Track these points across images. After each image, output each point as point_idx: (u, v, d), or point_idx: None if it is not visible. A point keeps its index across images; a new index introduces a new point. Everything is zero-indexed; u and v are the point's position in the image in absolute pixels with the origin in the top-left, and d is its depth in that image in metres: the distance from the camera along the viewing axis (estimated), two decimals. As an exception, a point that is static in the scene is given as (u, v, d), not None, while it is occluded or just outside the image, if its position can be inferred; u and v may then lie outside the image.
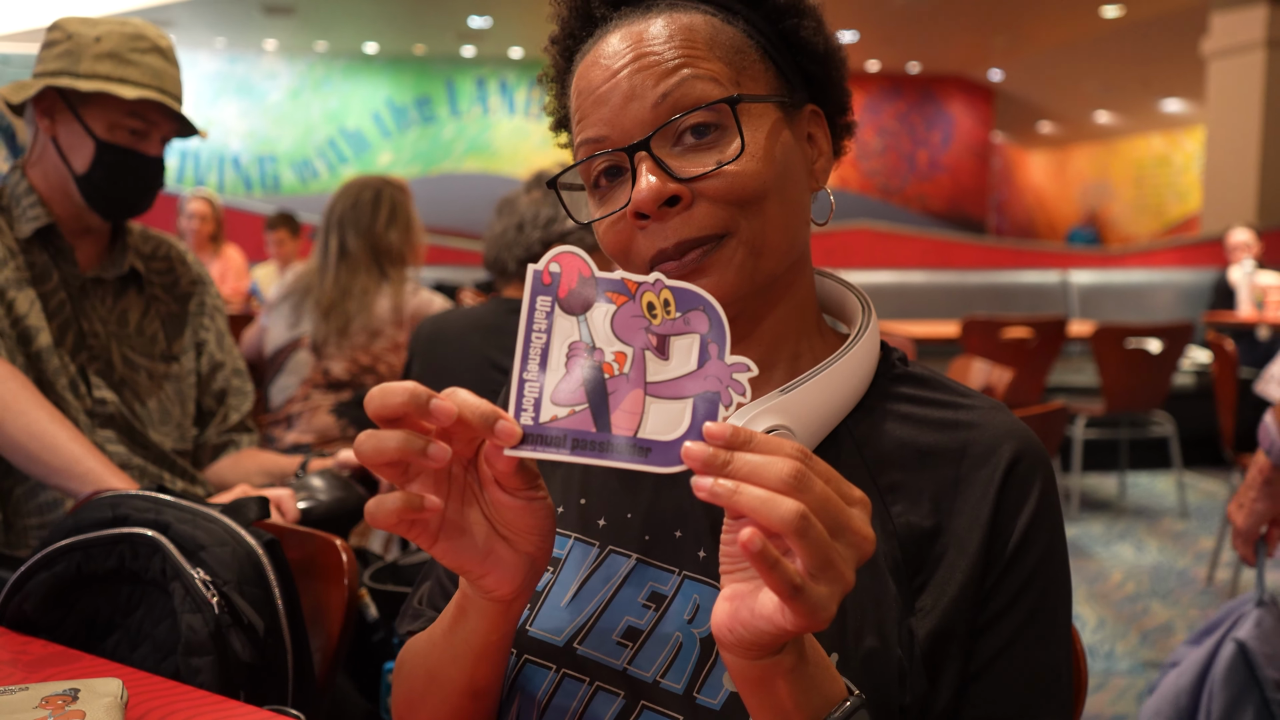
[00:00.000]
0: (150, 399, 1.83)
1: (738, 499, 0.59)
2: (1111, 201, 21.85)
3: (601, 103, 0.82)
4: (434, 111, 16.93)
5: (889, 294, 7.30)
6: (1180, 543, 4.79)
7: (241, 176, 16.34)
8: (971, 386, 3.00)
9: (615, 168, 0.83)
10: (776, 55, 0.86)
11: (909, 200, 18.43)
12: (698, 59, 0.81)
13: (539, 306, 0.67)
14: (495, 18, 13.89)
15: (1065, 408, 2.46)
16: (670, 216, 0.80)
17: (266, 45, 15.84)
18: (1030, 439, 0.84)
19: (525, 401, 0.67)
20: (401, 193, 3.02)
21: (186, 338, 1.93)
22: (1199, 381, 6.25)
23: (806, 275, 0.90)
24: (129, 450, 1.77)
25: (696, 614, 0.81)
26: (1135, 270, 8.04)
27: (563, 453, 0.66)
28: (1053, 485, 0.84)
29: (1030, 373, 5.04)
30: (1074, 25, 13.53)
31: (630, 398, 0.66)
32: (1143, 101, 18.61)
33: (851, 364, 0.84)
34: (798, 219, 0.85)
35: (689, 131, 0.80)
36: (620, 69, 0.82)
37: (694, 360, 0.66)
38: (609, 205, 0.84)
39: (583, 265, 0.67)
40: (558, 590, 0.86)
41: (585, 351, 0.67)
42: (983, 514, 0.81)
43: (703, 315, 0.66)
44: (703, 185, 0.79)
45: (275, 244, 6.08)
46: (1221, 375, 3.95)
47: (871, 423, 0.85)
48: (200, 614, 1.13)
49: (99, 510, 1.25)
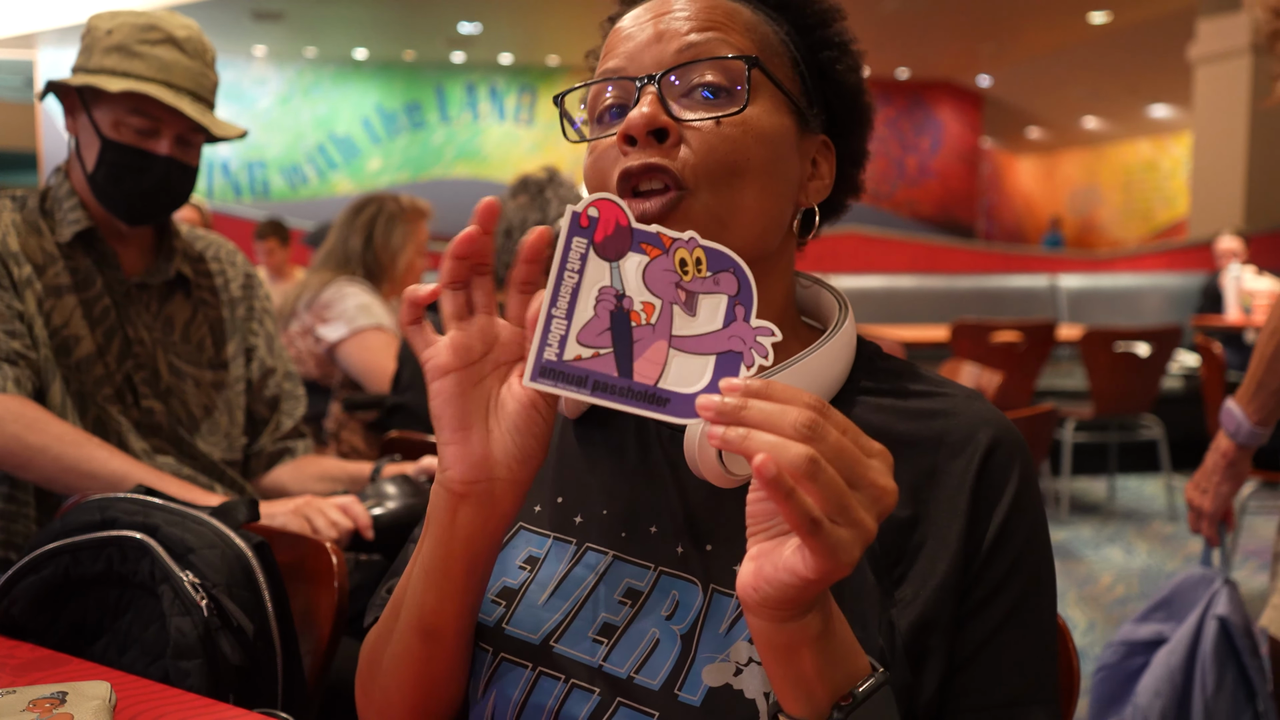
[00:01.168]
0: (197, 408, 1.76)
1: (748, 444, 0.59)
2: (1100, 206, 21.94)
3: (629, 39, 0.85)
4: (424, 117, 16.93)
5: (879, 299, 7.31)
6: (1169, 545, 4.80)
7: (231, 183, 16.31)
8: (961, 389, 3.03)
9: (621, 107, 0.85)
10: (808, 75, 0.89)
11: (898, 205, 18.48)
12: (731, 30, 0.84)
13: (574, 247, 0.68)
14: (485, 24, 13.90)
15: (1055, 410, 2.46)
16: (652, 146, 0.81)
17: (256, 51, 15.82)
18: (1006, 426, 0.84)
19: (551, 337, 0.67)
20: (390, 206, 3.06)
21: (236, 343, 1.85)
22: (1187, 385, 6.27)
23: (783, 278, 0.90)
24: (178, 460, 1.72)
25: (676, 610, 0.80)
26: (1124, 274, 8.07)
27: (583, 392, 0.67)
28: (1031, 472, 0.84)
29: (1020, 376, 5.05)
30: (1062, 31, 13.59)
31: (654, 348, 0.67)
32: (1130, 107, 18.70)
33: (828, 355, 0.84)
34: (774, 213, 0.85)
35: (701, 88, 0.82)
36: (656, 15, 0.85)
37: (720, 319, 0.67)
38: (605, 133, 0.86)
39: (620, 214, 0.68)
40: (535, 589, 0.85)
41: (614, 297, 0.68)
42: (961, 503, 0.80)
43: (732, 278, 0.67)
44: (691, 131, 0.81)
45: (265, 253, 6.06)
46: (1210, 379, 3.96)
47: (847, 413, 0.85)
48: (189, 617, 1.13)
49: (87, 513, 1.25)
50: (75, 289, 1.68)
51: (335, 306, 2.89)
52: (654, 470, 0.87)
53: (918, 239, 8.94)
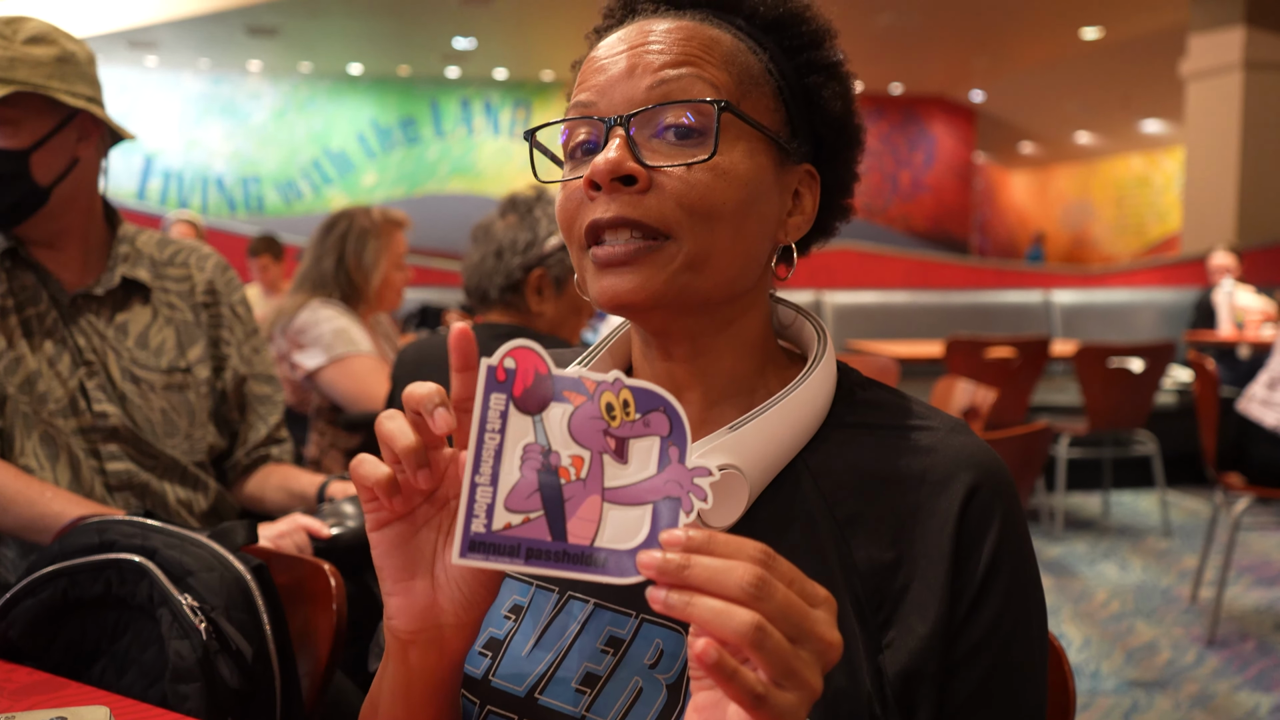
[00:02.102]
0: (154, 410, 1.76)
1: (691, 611, 0.57)
2: (1092, 221, 22.02)
3: (600, 71, 0.82)
4: (418, 132, 16.97)
5: (873, 314, 7.33)
6: (1164, 561, 4.81)
7: (225, 198, 16.33)
8: (956, 407, 3.03)
9: (593, 145, 0.82)
10: (792, 103, 0.84)
11: (892, 220, 18.54)
12: (707, 64, 0.80)
13: (493, 405, 0.64)
14: (479, 39, 13.94)
15: (1049, 427, 2.47)
16: (620, 193, 0.78)
17: (251, 66, 15.85)
18: (989, 463, 0.81)
19: (477, 507, 0.63)
20: (361, 221, 2.95)
21: (202, 347, 1.84)
22: (1181, 400, 6.29)
23: (759, 311, 0.87)
24: (137, 465, 1.72)
25: (660, 659, 0.79)
26: (1117, 290, 8.10)
27: (516, 562, 0.63)
28: (1016, 511, 0.82)
29: (1014, 392, 5.06)
30: (1054, 47, 13.67)
31: (587, 504, 0.63)
32: (1122, 122, 18.80)
33: (804, 396, 0.82)
34: (750, 253, 0.82)
35: (673, 129, 0.79)
36: (628, 48, 0.81)
37: (654, 464, 0.63)
38: (573, 171, 0.83)
39: (539, 362, 0.64)
40: (519, 639, 0.84)
41: (540, 455, 0.64)
42: (944, 546, 0.78)
43: (663, 417, 0.63)
44: (661, 177, 0.78)
45: (259, 269, 6.05)
46: (1203, 394, 3.97)
47: (828, 452, 0.83)
48: (188, 640, 1.13)
49: (85, 536, 1.25)
50: (16, 309, 1.70)
51: (310, 332, 2.81)
52: None
53: (911, 254, 8.97)
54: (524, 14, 12.23)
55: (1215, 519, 4.13)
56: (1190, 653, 3.66)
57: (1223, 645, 3.73)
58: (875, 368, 3.98)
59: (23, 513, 1.55)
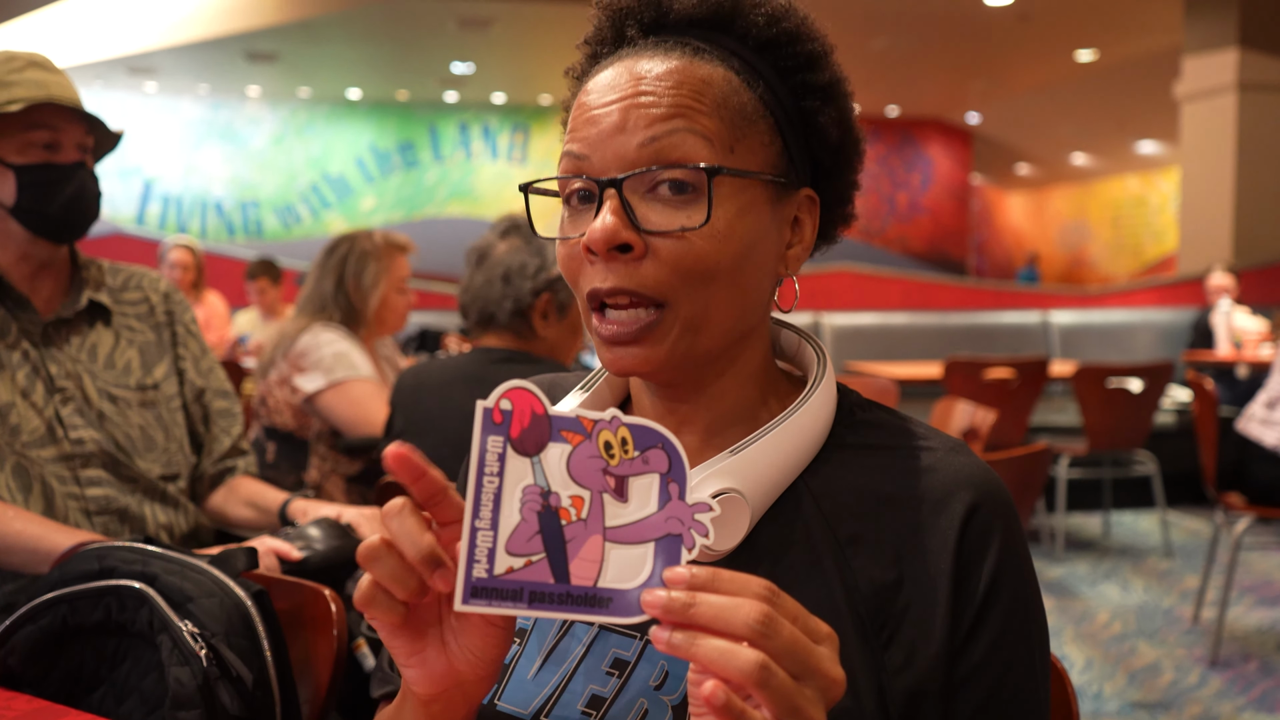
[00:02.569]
0: (132, 428, 1.80)
1: (695, 652, 0.57)
2: (1089, 242, 22.08)
3: (592, 124, 0.81)
4: (417, 156, 17.03)
5: (871, 335, 7.33)
6: (1165, 582, 4.79)
7: (224, 222, 16.36)
8: (956, 428, 3.03)
9: (588, 193, 0.81)
10: (788, 131, 0.83)
11: (890, 242, 18.59)
12: (698, 113, 0.79)
13: (490, 448, 0.63)
14: (477, 64, 14.01)
15: (1049, 448, 2.46)
16: (617, 261, 0.78)
17: (250, 91, 15.92)
18: (988, 483, 0.82)
19: (478, 552, 0.62)
20: (362, 244, 2.94)
21: (166, 364, 1.90)
22: (1180, 420, 6.29)
23: (759, 344, 0.87)
24: (117, 490, 1.75)
25: (665, 680, 0.78)
26: (1115, 310, 8.11)
27: (519, 606, 0.62)
28: (1016, 531, 0.82)
29: (1013, 413, 5.06)
30: (1049, 69, 13.75)
31: (589, 545, 0.63)
32: (1118, 143, 18.88)
33: (805, 419, 0.82)
34: (750, 301, 0.83)
35: (666, 184, 0.78)
36: (619, 99, 0.80)
37: (654, 502, 0.63)
38: (573, 226, 0.83)
39: (535, 402, 0.64)
40: (524, 663, 0.84)
41: (540, 496, 0.63)
42: (945, 565, 0.78)
43: (661, 453, 0.63)
44: (658, 243, 0.78)
45: (257, 292, 6.06)
46: (1202, 414, 3.97)
47: (828, 473, 0.83)
48: (188, 666, 1.12)
49: (85, 562, 1.25)
50: None
51: (310, 355, 2.80)
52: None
53: (909, 275, 8.98)
54: (522, 39, 12.30)
55: (1216, 539, 4.12)
56: (1193, 674, 3.65)
57: (1226, 666, 3.72)
58: (875, 389, 3.98)
59: (24, 554, 1.58)
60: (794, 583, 0.78)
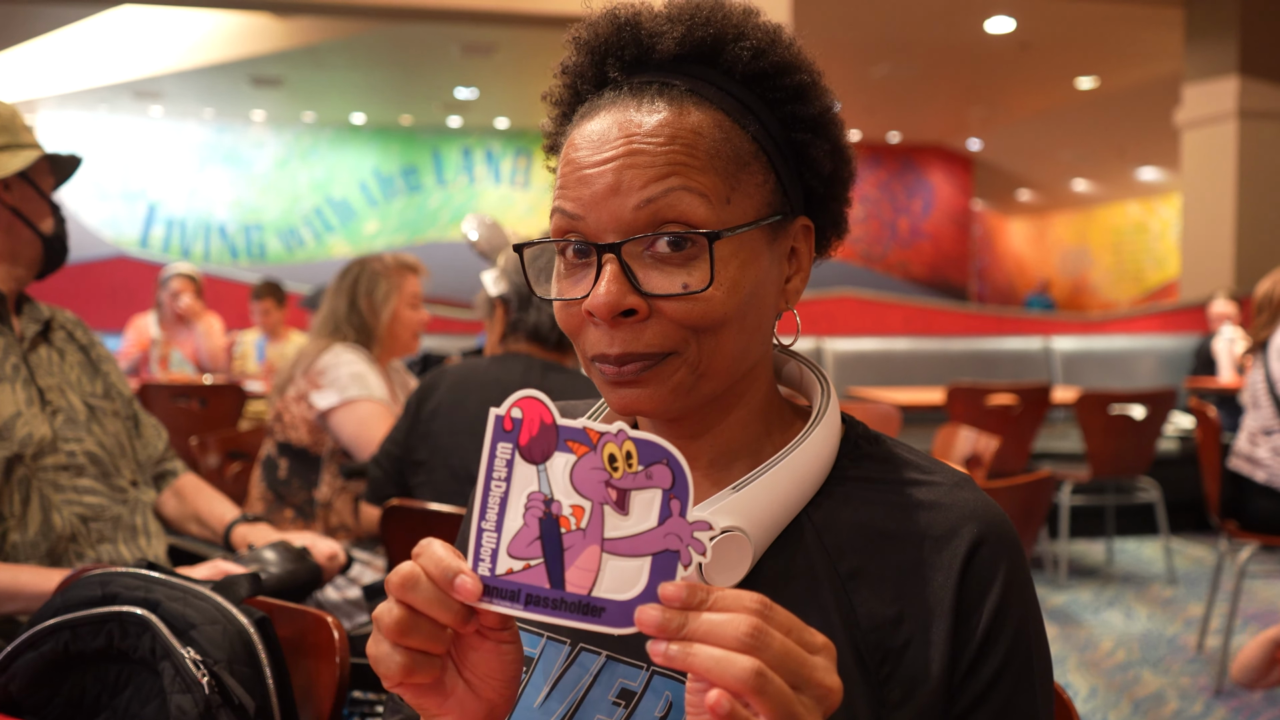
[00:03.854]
0: (108, 437, 1.90)
1: (692, 661, 0.58)
2: (1091, 268, 22.11)
3: (584, 184, 0.79)
4: (420, 181, 17.08)
5: (873, 361, 7.33)
6: (1169, 609, 4.77)
7: (227, 245, 16.40)
8: (958, 455, 3.03)
9: (582, 246, 0.81)
10: (781, 165, 0.83)
11: (891, 267, 18.61)
12: (692, 170, 0.77)
13: (499, 454, 0.66)
14: (481, 89, 14.08)
15: (1053, 476, 2.46)
16: (622, 325, 0.78)
17: (254, 116, 16.00)
18: (992, 520, 0.81)
19: (483, 551, 0.65)
20: (374, 267, 3.01)
21: (101, 380, 2.00)
22: (1183, 447, 6.27)
23: (763, 379, 0.88)
24: (107, 498, 1.83)
25: (669, 711, 0.78)
26: (1116, 336, 8.11)
27: (516, 607, 0.65)
28: (1020, 566, 0.82)
29: (1015, 439, 5.05)
30: (1050, 96, 13.81)
31: (587, 554, 0.64)
32: (1119, 170, 18.93)
33: (808, 454, 0.82)
34: (753, 342, 0.83)
35: (665, 241, 0.77)
36: (611, 158, 0.78)
37: (654, 516, 0.64)
38: (571, 283, 0.82)
39: (545, 412, 0.66)
40: (530, 692, 0.83)
41: (543, 503, 0.65)
42: (946, 601, 0.78)
43: (666, 470, 0.64)
44: (662, 304, 0.77)
45: (261, 314, 6.08)
46: (1205, 441, 3.97)
47: (831, 508, 0.83)
48: (190, 694, 1.12)
49: (88, 588, 1.24)
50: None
51: (329, 374, 2.85)
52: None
53: (911, 301, 8.99)
54: (525, 64, 12.37)
55: (1220, 566, 4.11)
56: (1198, 703, 3.63)
57: (1230, 695, 3.69)
58: (877, 415, 3.98)
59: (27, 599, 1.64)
60: (797, 614, 0.77)
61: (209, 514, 2.02)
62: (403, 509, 2.01)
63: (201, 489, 2.09)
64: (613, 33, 0.84)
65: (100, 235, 15.37)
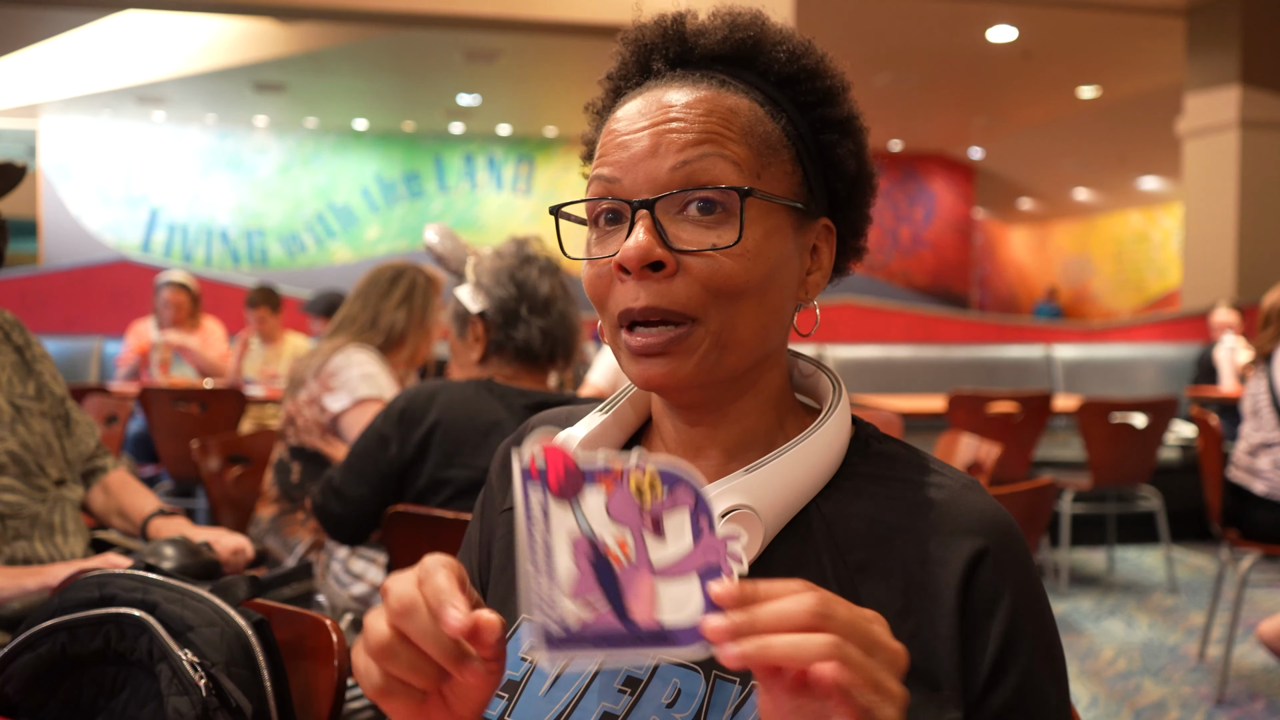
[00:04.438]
0: (35, 435, 1.93)
1: (770, 652, 0.58)
2: (1092, 277, 22.11)
3: (623, 148, 0.83)
4: (422, 187, 17.08)
5: (874, 368, 7.33)
6: (1170, 618, 4.76)
7: (229, 250, 16.40)
8: (960, 461, 3.02)
9: (617, 214, 0.84)
10: (808, 162, 0.87)
11: (893, 275, 18.61)
12: (727, 140, 0.82)
13: (532, 499, 0.65)
14: (484, 95, 14.09)
15: (1055, 483, 2.45)
16: (649, 279, 0.80)
17: (257, 121, 16.01)
18: (1000, 526, 0.82)
19: (540, 603, 0.64)
20: (424, 278, 3.03)
21: (34, 380, 2.02)
22: (1184, 456, 6.26)
23: (779, 369, 0.89)
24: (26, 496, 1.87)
25: (677, 698, 0.79)
26: (1118, 345, 8.10)
27: (593, 653, 0.63)
28: (1029, 570, 0.82)
29: (1016, 447, 5.04)
30: (1052, 105, 13.81)
31: (640, 584, 0.65)
32: (1121, 179, 18.93)
33: (819, 443, 0.84)
34: (773, 323, 0.85)
35: (696, 204, 0.81)
36: (650, 125, 0.83)
37: (689, 536, 0.65)
38: (602, 248, 0.85)
39: (566, 456, 0.66)
40: (535, 680, 0.84)
41: (590, 545, 0.65)
42: (950, 600, 0.79)
43: (687, 489, 0.66)
44: (689, 261, 0.80)
45: (257, 320, 6.06)
46: (1207, 450, 3.96)
47: (840, 500, 0.84)
48: (187, 696, 1.11)
49: (85, 590, 1.24)
50: None
51: (340, 375, 2.84)
52: None
53: (913, 309, 8.98)
54: (528, 71, 12.39)
55: (1222, 575, 4.10)
56: (1199, 712, 3.62)
57: (1232, 705, 3.68)
58: (880, 421, 3.97)
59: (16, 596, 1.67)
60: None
61: (130, 507, 2.06)
62: (405, 515, 2.00)
63: (128, 484, 2.12)
64: (659, 33, 0.89)
65: (102, 240, 15.38)
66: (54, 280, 8.35)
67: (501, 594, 0.93)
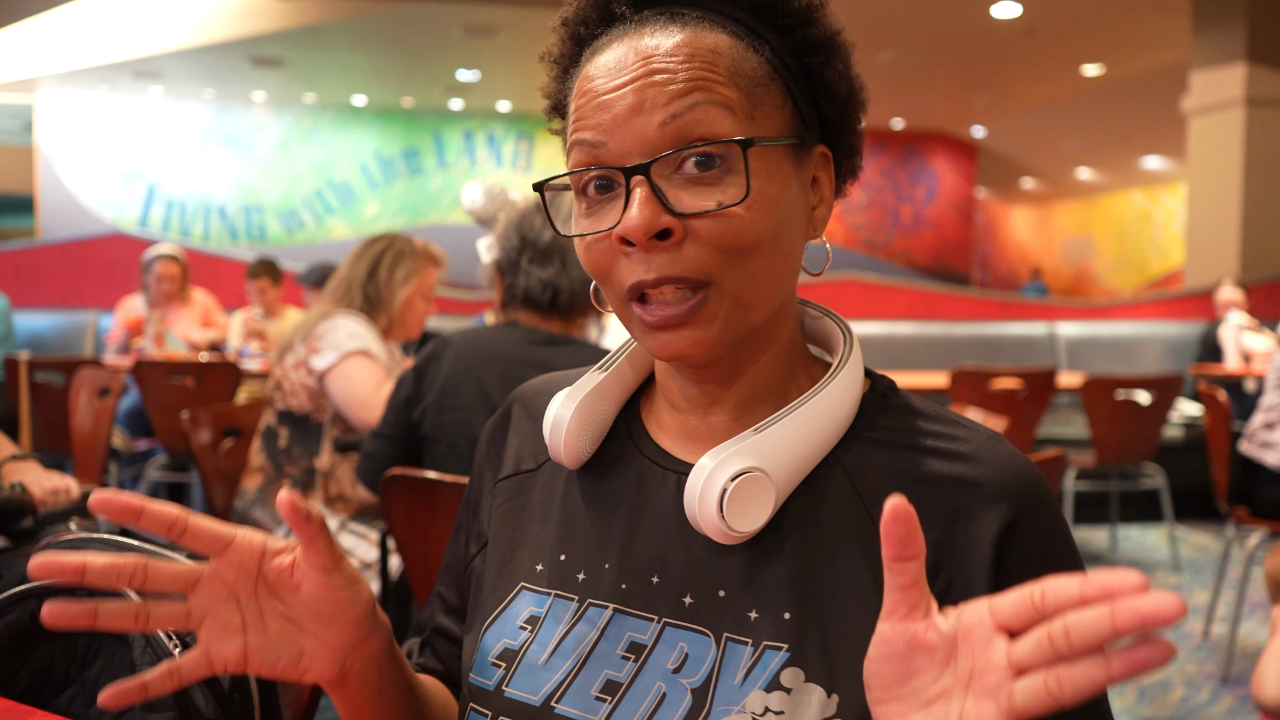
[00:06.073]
0: None
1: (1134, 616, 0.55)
2: (1094, 256, 22.06)
3: (604, 109, 0.76)
4: (421, 163, 17.02)
5: (877, 344, 7.28)
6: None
7: (227, 226, 16.35)
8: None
9: (608, 181, 0.77)
10: (796, 91, 0.80)
11: (894, 254, 18.55)
12: (714, 83, 0.75)
13: None
14: (483, 71, 14.01)
15: (1063, 456, 2.41)
16: (656, 249, 0.74)
17: (255, 97, 15.92)
18: (1030, 480, 0.78)
19: None
20: (395, 250, 3.01)
21: None
22: (1189, 434, 6.22)
23: (791, 317, 0.85)
24: None
25: (685, 663, 0.76)
26: (1121, 323, 8.06)
27: None
28: (1057, 523, 0.79)
29: (1020, 424, 4.99)
30: (1055, 84, 13.73)
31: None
32: (1124, 158, 18.87)
33: (832, 397, 0.79)
34: (787, 269, 0.80)
35: (693, 161, 0.75)
36: (630, 81, 0.76)
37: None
38: (595, 220, 0.78)
39: None
40: (535, 649, 0.81)
41: None
42: (985, 554, 0.75)
43: None
44: (697, 224, 0.74)
45: (257, 291, 6.04)
46: (1214, 427, 3.91)
47: (862, 452, 0.80)
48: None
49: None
50: None
51: (327, 337, 2.83)
52: (657, 520, 0.83)
53: (915, 286, 8.93)
54: (528, 47, 12.29)
55: (1227, 553, 4.06)
56: (1204, 690, 3.58)
57: (1237, 683, 3.65)
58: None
59: None
60: (825, 558, 0.77)
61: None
62: (403, 478, 1.95)
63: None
64: None
65: (100, 216, 15.31)
66: (49, 253, 8.29)
67: (499, 560, 0.90)
